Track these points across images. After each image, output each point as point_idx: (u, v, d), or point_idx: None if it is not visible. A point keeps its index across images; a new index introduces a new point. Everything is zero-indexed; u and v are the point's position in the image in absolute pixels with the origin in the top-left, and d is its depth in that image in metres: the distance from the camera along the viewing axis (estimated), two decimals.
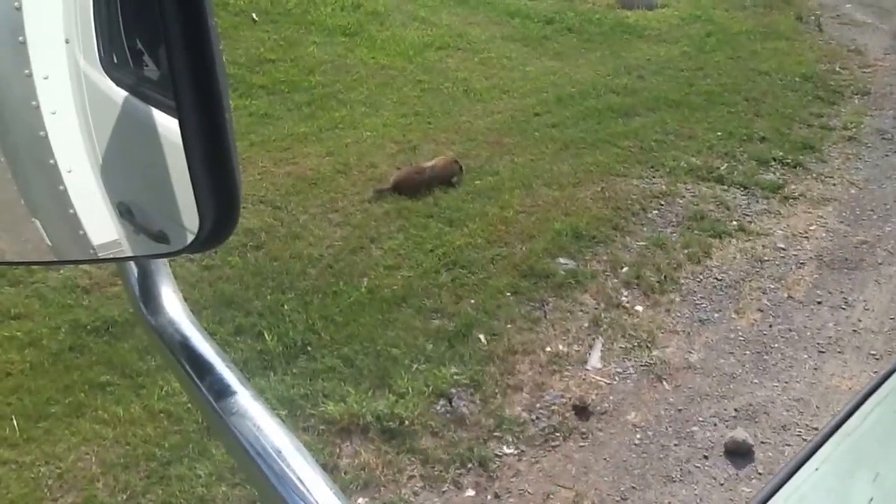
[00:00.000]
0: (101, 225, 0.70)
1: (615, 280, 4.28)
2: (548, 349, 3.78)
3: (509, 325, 3.89)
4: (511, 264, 4.30)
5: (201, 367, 0.75)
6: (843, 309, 4.24)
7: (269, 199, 4.78)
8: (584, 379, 3.65)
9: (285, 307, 3.88)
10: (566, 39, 8.01)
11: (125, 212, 0.69)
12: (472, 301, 4.02)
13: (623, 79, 6.94)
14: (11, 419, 3.21)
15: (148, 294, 0.79)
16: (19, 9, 0.62)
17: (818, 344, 4.00)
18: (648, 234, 4.69)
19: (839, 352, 3.94)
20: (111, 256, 0.76)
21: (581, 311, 4.04)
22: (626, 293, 4.19)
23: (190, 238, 0.63)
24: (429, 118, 6.05)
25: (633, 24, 8.40)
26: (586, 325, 3.96)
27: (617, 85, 6.78)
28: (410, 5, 8.59)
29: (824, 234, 4.86)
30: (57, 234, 0.72)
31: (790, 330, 4.08)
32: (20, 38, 0.63)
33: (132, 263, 0.80)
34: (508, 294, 4.09)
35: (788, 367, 3.85)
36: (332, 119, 5.89)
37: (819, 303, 4.28)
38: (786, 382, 3.74)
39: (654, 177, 5.32)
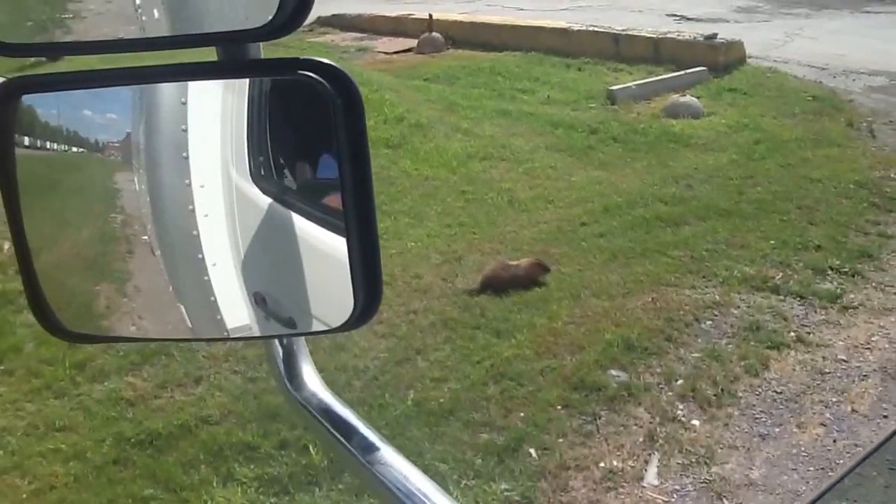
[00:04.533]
0: (236, 310, 0.86)
1: (670, 393, 4.35)
2: (602, 465, 3.83)
3: (561, 440, 3.96)
4: (561, 376, 4.39)
5: (346, 430, 0.92)
6: None
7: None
8: (640, 497, 3.68)
9: None
10: (611, 149, 8.28)
11: (260, 300, 0.85)
12: (522, 414, 4.11)
13: (671, 188, 7.14)
14: None
15: (292, 371, 0.97)
16: (185, 131, 0.81)
17: (887, 460, 4.00)
18: (703, 346, 4.77)
19: None
20: (241, 336, 0.93)
21: (635, 425, 4.10)
22: (681, 406, 4.25)
23: (317, 325, 0.81)
24: (473, 229, 6.27)
25: (679, 133, 8.67)
26: (641, 439, 4.01)
27: (665, 194, 6.98)
28: (453, 117, 8.99)
29: (887, 345, 4.89)
30: (197, 317, 0.89)
31: (856, 445, 4.09)
32: (184, 154, 0.81)
33: (279, 347, 0.97)
34: (559, 407, 4.18)
35: (857, 484, 3.84)
36: None
37: (885, 416, 4.29)
38: (855, 501, 3.74)
39: (706, 287, 5.43)
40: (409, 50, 13.39)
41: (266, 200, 0.84)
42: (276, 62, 0.74)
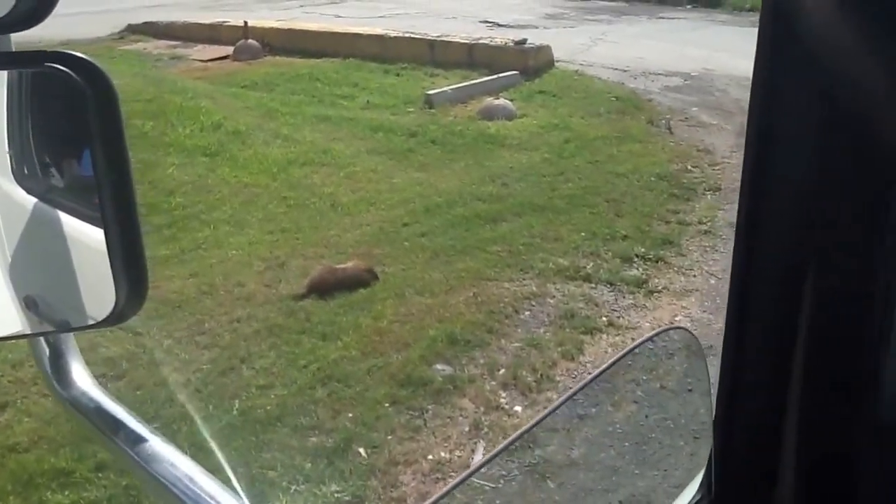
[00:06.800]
0: (5, 316, 0.82)
1: (493, 382, 4.46)
2: (430, 457, 3.88)
3: (389, 437, 3.99)
4: (388, 374, 4.42)
5: (115, 426, 0.89)
6: (712, 395, 4.54)
7: (128, 325, 4.76)
8: (468, 485, 3.75)
9: None
10: (430, 151, 8.42)
11: (31, 304, 0.82)
12: (350, 415, 4.11)
13: (488, 186, 7.33)
14: None
15: (60, 371, 0.93)
16: None
17: (693, 430, 4.26)
18: (522, 335, 4.93)
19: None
20: (3, 336, 0.89)
21: (461, 416, 4.19)
22: (504, 395, 4.37)
23: (90, 321, 0.78)
24: (296, 234, 6.21)
25: (494, 134, 8.92)
26: (467, 429, 4.09)
27: (483, 193, 7.16)
28: (272, 123, 8.87)
29: (689, 324, 5.19)
30: None
31: (665, 419, 4.33)
32: None
33: (45, 347, 0.93)
34: (387, 405, 4.20)
35: (667, 455, 4.08)
36: (195, 240, 5.97)
37: (690, 390, 4.54)
38: (665, 470, 3.96)
39: (524, 279, 5.61)
40: (225, 57, 13.10)
41: (31, 200, 0.80)
42: (22, 54, 0.71)
